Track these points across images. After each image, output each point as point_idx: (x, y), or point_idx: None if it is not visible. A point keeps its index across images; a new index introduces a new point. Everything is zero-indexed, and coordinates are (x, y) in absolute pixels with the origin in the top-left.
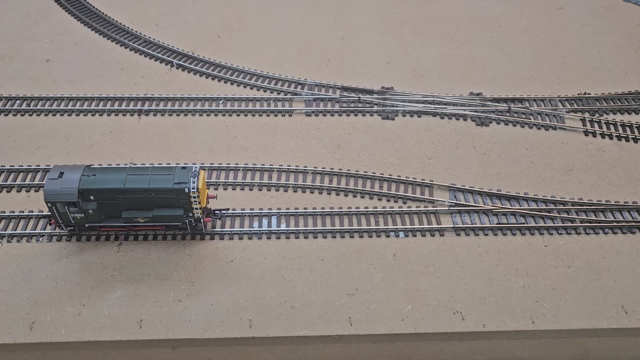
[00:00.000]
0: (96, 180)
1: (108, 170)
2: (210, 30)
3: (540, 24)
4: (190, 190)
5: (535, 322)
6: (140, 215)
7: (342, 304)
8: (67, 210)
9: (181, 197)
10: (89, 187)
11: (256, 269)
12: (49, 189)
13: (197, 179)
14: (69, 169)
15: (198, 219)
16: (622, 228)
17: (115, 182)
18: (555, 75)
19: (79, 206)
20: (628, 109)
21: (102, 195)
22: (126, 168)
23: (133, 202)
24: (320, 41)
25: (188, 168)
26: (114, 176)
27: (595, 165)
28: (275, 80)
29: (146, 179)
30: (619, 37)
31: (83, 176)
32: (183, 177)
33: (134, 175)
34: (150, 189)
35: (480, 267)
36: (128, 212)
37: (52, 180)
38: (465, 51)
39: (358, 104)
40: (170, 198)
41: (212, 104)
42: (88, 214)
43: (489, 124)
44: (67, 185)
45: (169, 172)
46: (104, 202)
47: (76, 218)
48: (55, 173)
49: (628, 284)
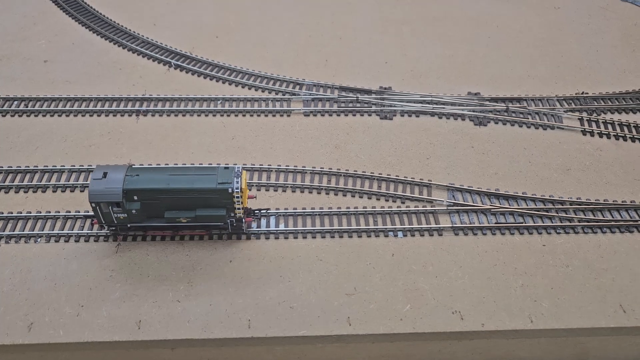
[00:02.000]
0: (140, 180)
1: (150, 170)
2: (209, 30)
3: (537, 23)
4: (234, 190)
5: (534, 321)
6: (182, 215)
7: (341, 303)
8: (110, 211)
9: (224, 197)
10: (133, 187)
11: (255, 269)
12: (93, 189)
13: (240, 179)
14: (112, 169)
15: (240, 219)
16: (620, 227)
17: (159, 182)
18: (553, 74)
19: (122, 206)
20: (626, 109)
21: (146, 195)
22: (168, 168)
23: (176, 202)
24: (318, 41)
25: (231, 168)
26: (157, 176)
27: (593, 164)
28: (273, 81)
29: (189, 179)
30: (617, 37)
31: (127, 176)
32: (226, 177)
33: (177, 175)
34: (193, 189)
35: (478, 266)
36: (170, 212)
37: (96, 181)
38: (464, 51)
39: (356, 104)
40: (213, 198)
41: (210, 104)
42: (131, 214)
43: (487, 123)
44: (111, 185)
45: (211, 172)
46: (147, 202)
47: (119, 218)
48: (99, 173)
49: (626, 283)
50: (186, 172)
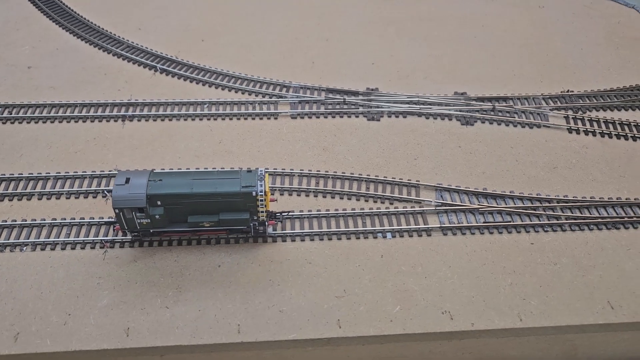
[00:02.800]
0: (163, 185)
1: (172, 174)
2: (194, 34)
3: (523, 22)
4: (258, 194)
5: (523, 319)
6: (206, 219)
7: (331, 306)
8: (134, 216)
9: (248, 200)
10: (156, 192)
11: (243, 273)
12: (117, 194)
13: (263, 182)
14: (135, 175)
15: (262, 222)
16: (606, 224)
17: (182, 187)
18: (539, 73)
19: (146, 212)
20: (610, 106)
21: (169, 200)
22: (191, 172)
23: (199, 207)
24: (304, 43)
25: (254, 171)
26: (180, 181)
27: (580, 162)
28: (260, 84)
29: (213, 183)
30: (601, 35)
31: (150, 181)
32: (250, 181)
33: (200, 179)
34: (217, 193)
35: (467, 266)
36: (194, 216)
37: (120, 187)
38: (450, 51)
39: (343, 106)
40: (237, 202)
41: (197, 108)
42: (154, 219)
43: (474, 123)
44: (134, 190)
45: (235, 176)
46: (171, 207)
47: (142, 224)
48: (122, 179)
49: (613, 279)
50: (209, 176)
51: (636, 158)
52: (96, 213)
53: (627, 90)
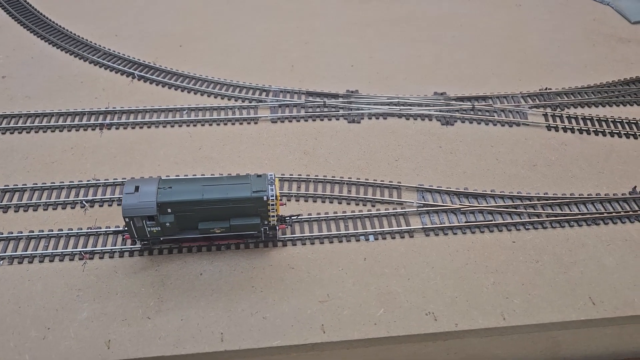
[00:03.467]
0: (173, 192)
1: (182, 181)
2: (172, 39)
3: (500, 21)
4: (269, 198)
5: (506, 318)
6: (216, 225)
7: (314, 311)
8: (144, 225)
9: (259, 205)
10: (167, 199)
11: (225, 281)
12: (127, 203)
13: (273, 187)
14: (144, 182)
15: (273, 227)
16: (586, 220)
17: (192, 194)
18: (517, 71)
19: (157, 220)
20: (588, 103)
21: (180, 208)
22: (200, 179)
23: (210, 213)
24: (283, 47)
25: (263, 176)
26: (190, 187)
27: (559, 159)
28: (239, 88)
29: (223, 188)
30: (577, 32)
31: (159, 189)
32: (260, 185)
33: (210, 185)
34: (228, 199)
35: (450, 266)
36: (204, 223)
37: (129, 195)
38: (429, 51)
39: (324, 109)
40: (248, 207)
41: (176, 114)
42: (165, 227)
43: (454, 123)
44: (144, 199)
45: (245, 181)
46: (181, 214)
47: (152, 232)
48: (131, 187)
49: (594, 275)
50: (219, 182)
51: (614, 154)
52: (75, 224)
53: (604, 86)
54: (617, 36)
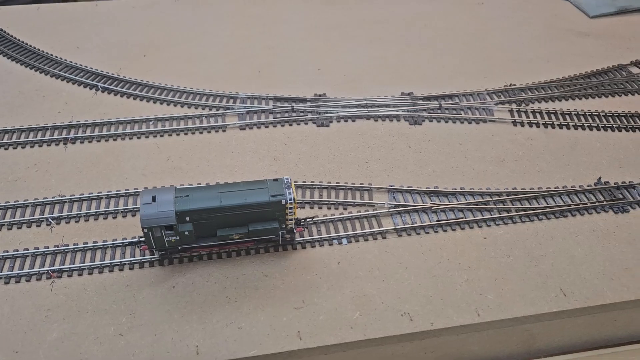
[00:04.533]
0: (191, 200)
1: (198, 189)
2: (135, 49)
3: (463, 20)
4: (287, 202)
5: (481, 314)
6: (235, 232)
7: (290, 318)
8: (162, 234)
9: (277, 209)
10: (185, 208)
11: (199, 292)
12: (145, 213)
13: (291, 190)
14: (160, 192)
15: (291, 230)
16: (554, 213)
17: (210, 201)
18: (482, 69)
19: (175, 229)
20: (552, 97)
21: (198, 216)
22: (216, 186)
23: (228, 219)
24: (249, 53)
25: (280, 180)
26: (207, 194)
27: (526, 154)
28: (206, 96)
29: (241, 194)
30: (538, 28)
31: (177, 197)
32: (278, 189)
33: (227, 192)
34: (246, 205)
35: (423, 265)
36: (223, 230)
37: (147, 205)
38: (394, 52)
39: (292, 114)
40: (266, 212)
41: (142, 125)
42: (183, 236)
43: (422, 122)
44: (163, 208)
45: (262, 186)
46: (199, 222)
47: (171, 241)
48: (148, 197)
49: (564, 266)
50: (236, 188)
51: (578, 146)
52: (41, 242)
53: (566, 80)
54: (576, 30)
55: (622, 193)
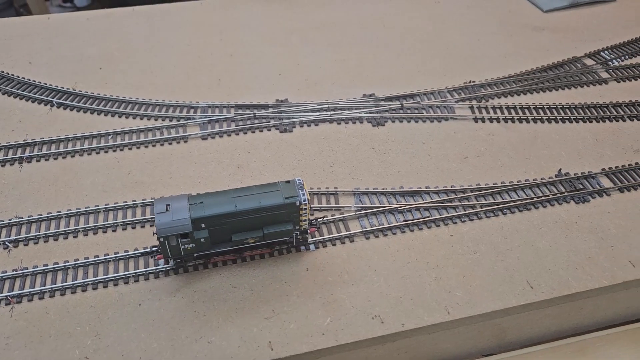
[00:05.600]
0: (206, 207)
1: (211, 195)
2: (91, 62)
3: (421, 19)
4: (302, 203)
5: (451, 312)
6: (250, 235)
7: (261, 329)
8: (178, 243)
9: (292, 210)
10: (201, 215)
11: (166, 309)
12: (160, 222)
13: (304, 191)
14: (173, 200)
15: (304, 231)
16: (518, 207)
17: (225, 206)
18: (442, 67)
19: (191, 236)
20: (510, 92)
21: (214, 222)
22: (228, 191)
23: (243, 224)
24: (208, 61)
25: (292, 182)
26: (221, 200)
27: (488, 149)
28: (165, 107)
29: (255, 198)
30: (494, 25)
31: (191, 205)
32: (291, 191)
33: (241, 196)
34: (261, 208)
35: (392, 267)
36: (238, 234)
37: (161, 214)
38: (354, 54)
39: (254, 121)
40: (281, 214)
41: (101, 140)
42: (199, 243)
43: (385, 123)
44: (178, 216)
45: (275, 189)
46: (215, 228)
47: (186, 249)
48: (162, 206)
49: (530, 259)
50: (249, 192)
51: (538, 139)
52: None
53: (524, 75)
54: (531, 25)
55: (582, 183)
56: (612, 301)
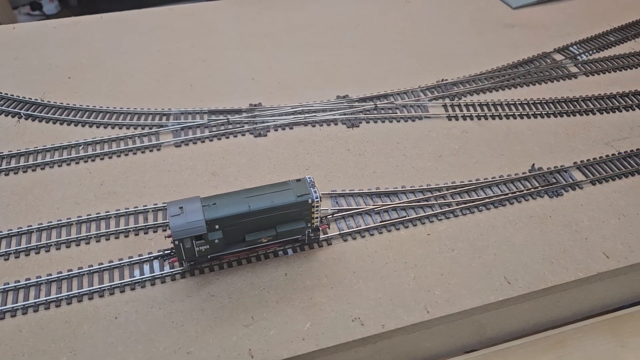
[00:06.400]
0: (219, 207)
1: (224, 197)
2: (59, 72)
3: (393, 19)
4: (314, 200)
5: (430, 311)
6: (263, 235)
7: (240, 336)
8: (193, 245)
9: (304, 208)
10: (215, 216)
11: (143, 320)
12: (175, 225)
13: (316, 189)
14: (186, 202)
15: (316, 228)
16: (493, 203)
17: (239, 206)
18: (414, 66)
19: (205, 238)
20: (482, 89)
21: (228, 222)
22: (240, 191)
23: (256, 223)
24: (180, 67)
25: (303, 180)
26: (234, 200)
27: (462, 147)
28: (137, 115)
29: (268, 197)
30: (465, 22)
31: (204, 206)
32: (303, 189)
33: (254, 196)
34: (275, 207)
35: (370, 268)
36: (251, 234)
37: (176, 217)
38: (327, 56)
39: (228, 126)
40: (293, 212)
41: (72, 151)
42: (213, 244)
43: (359, 124)
44: (192, 218)
45: (286, 187)
46: (229, 229)
47: (201, 251)
48: (175, 209)
49: (506, 255)
50: (261, 191)
51: (511, 135)
52: None
53: (495, 71)
54: (502, 22)
55: (555, 177)
56: (587, 293)
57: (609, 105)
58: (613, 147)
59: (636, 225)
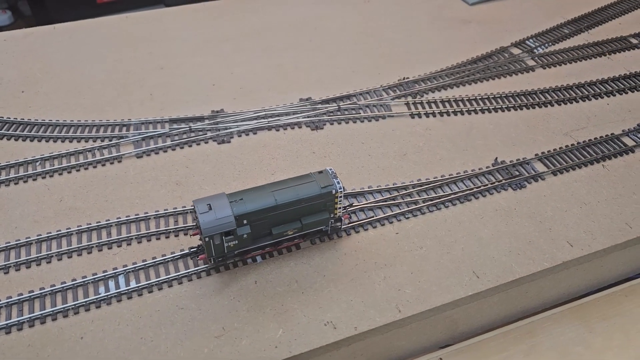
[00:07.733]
0: (247, 203)
1: (249, 192)
2: (11, 85)
3: (352, 19)
4: (337, 191)
5: (402, 310)
6: (289, 227)
7: (212, 348)
8: (222, 241)
9: (328, 199)
10: (243, 211)
11: (110, 339)
12: (205, 221)
13: (339, 180)
14: (213, 199)
15: (339, 218)
16: (459, 198)
17: (265, 200)
18: (376, 66)
19: (234, 233)
20: (444, 85)
21: (255, 217)
22: (265, 186)
23: (282, 217)
24: (139, 76)
25: (325, 172)
26: (260, 195)
27: (426, 144)
28: (96, 127)
29: (293, 190)
30: (425, 20)
31: (231, 202)
32: (326, 180)
33: (279, 190)
34: (300, 199)
35: (340, 270)
36: (277, 227)
37: (205, 214)
38: (288, 59)
39: (190, 134)
40: (317, 203)
41: (28, 167)
42: (242, 239)
43: (323, 126)
44: (221, 214)
45: (310, 179)
46: (256, 223)
47: (229, 247)
48: (204, 206)
49: (474, 249)
50: (285, 185)
51: (473, 130)
52: None
53: (455, 68)
54: (459, 19)
55: (517, 170)
56: (554, 282)
57: (567, 96)
58: (572, 138)
59: (597, 214)
